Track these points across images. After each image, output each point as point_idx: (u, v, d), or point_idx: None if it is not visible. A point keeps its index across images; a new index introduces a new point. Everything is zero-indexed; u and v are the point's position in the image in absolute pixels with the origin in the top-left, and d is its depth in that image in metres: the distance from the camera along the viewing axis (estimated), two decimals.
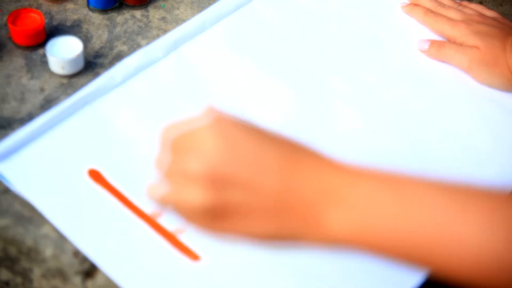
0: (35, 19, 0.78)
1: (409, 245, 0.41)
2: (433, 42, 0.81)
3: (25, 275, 0.66)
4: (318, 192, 0.44)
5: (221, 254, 0.62)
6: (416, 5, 0.85)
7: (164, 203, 0.48)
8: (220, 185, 0.45)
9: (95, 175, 0.67)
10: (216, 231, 0.47)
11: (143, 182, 0.66)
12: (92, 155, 0.68)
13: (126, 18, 0.84)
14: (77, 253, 0.62)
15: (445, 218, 0.40)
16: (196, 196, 0.45)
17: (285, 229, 0.45)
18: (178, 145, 0.47)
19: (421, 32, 0.84)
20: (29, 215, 0.64)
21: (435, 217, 0.40)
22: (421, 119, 0.76)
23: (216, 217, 0.46)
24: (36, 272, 0.65)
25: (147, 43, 0.80)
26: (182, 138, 0.47)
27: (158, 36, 0.81)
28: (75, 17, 0.83)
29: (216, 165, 0.45)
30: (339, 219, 0.44)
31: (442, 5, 0.84)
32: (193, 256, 0.62)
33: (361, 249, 0.45)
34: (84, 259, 0.62)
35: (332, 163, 0.46)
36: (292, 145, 0.47)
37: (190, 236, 0.63)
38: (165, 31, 0.82)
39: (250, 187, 0.45)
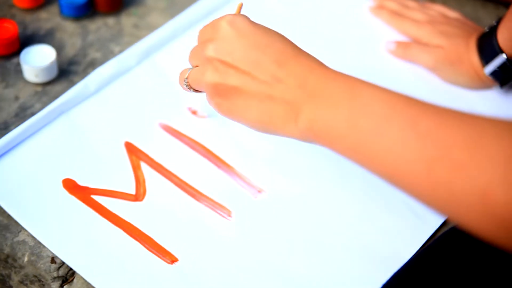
0: (9, 29, 0.79)
1: (351, 144, 0.49)
2: (399, 43, 0.83)
3: (3, 282, 0.67)
4: (302, 88, 0.52)
5: (199, 255, 0.64)
6: (382, 7, 0.87)
7: (187, 81, 0.59)
8: (224, 69, 0.54)
9: (70, 185, 0.67)
10: (222, 109, 0.56)
11: (118, 190, 0.67)
12: (67, 164, 0.69)
13: (98, 26, 0.85)
14: (54, 259, 0.63)
15: (382, 129, 0.47)
16: (206, 74, 0.55)
17: (270, 117, 0.53)
18: (201, 34, 0.58)
19: (388, 33, 0.86)
20: (6, 222, 0.65)
21: (375, 128, 0.47)
22: None
23: (220, 95, 0.55)
24: (14, 278, 0.66)
25: (120, 50, 0.81)
26: (205, 28, 0.58)
27: (131, 43, 0.82)
28: (48, 25, 0.84)
29: (224, 52, 0.54)
30: (309, 114, 0.51)
31: (407, 6, 0.86)
32: (171, 258, 0.63)
33: (316, 142, 0.52)
34: (61, 264, 0.63)
35: (319, 65, 0.53)
36: (290, 44, 0.55)
37: (168, 238, 0.64)
38: (137, 38, 0.83)
39: (248, 74, 0.53)
